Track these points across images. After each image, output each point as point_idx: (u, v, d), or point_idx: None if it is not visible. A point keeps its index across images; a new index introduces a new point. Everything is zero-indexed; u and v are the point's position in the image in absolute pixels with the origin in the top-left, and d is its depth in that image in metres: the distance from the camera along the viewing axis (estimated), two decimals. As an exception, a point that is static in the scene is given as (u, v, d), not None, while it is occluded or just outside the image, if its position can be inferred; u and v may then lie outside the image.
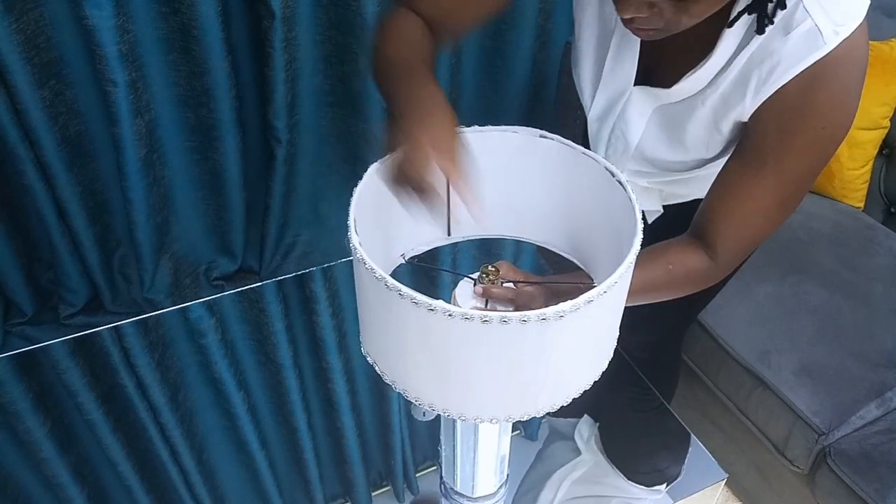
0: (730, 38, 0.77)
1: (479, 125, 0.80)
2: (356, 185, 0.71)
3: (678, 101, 0.86)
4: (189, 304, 1.29)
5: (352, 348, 1.25)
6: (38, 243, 1.58)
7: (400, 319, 0.63)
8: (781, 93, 0.75)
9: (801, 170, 0.79)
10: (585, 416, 1.16)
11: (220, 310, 1.29)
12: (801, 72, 0.73)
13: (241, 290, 1.33)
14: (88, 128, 1.46)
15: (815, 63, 0.72)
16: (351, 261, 0.67)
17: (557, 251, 0.90)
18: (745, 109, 0.79)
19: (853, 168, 1.69)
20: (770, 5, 0.71)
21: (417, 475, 1.11)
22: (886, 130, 1.67)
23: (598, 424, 1.15)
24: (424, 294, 0.60)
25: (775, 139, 0.78)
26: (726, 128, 0.84)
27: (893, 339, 1.42)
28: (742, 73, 0.78)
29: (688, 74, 0.81)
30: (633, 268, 0.67)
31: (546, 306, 0.59)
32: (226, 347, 1.24)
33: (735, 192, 0.82)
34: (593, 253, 0.84)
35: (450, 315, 0.59)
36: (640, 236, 0.67)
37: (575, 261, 0.88)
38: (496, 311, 0.63)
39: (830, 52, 0.71)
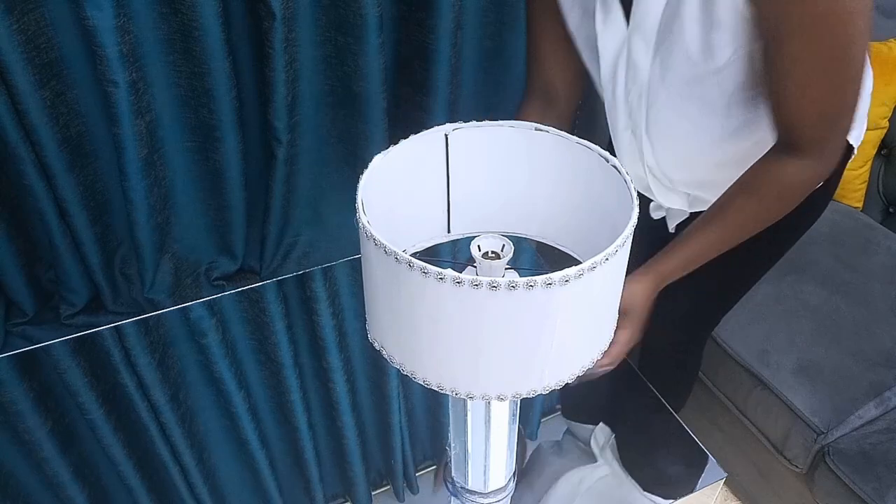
0: None
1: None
2: (358, 184, 0.71)
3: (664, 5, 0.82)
4: (190, 304, 1.30)
5: (352, 348, 1.26)
6: (38, 243, 1.59)
7: (433, 304, 0.63)
8: None
9: (833, 22, 0.72)
10: (601, 423, 1.14)
11: (220, 310, 1.29)
12: None
13: (242, 290, 1.33)
14: (89, 128, 1.46)
15: None
16: (350, 261, 0.67)
17: (560, 247, 0.89)
18: None
19: (852, 168, 1.69)
20: None
21: (417, 475, 1.11)
22: (885, 131, 1.67)
23: (613, 434, 1.13)
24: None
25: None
26: (725, 14, 0.77)
27: (892, 339, 1.42)
28: None
29: None
30: (629, 242, 0.67)
31: None
32: (226, 347, 1.24)
33: (784, 72, 0.77)
34: (595, 246, 0.84)
35: (476, 285, 0.59)
36: (636, 210, 0.68)
37: (576, 255, 0.88)
38: None
39: None
